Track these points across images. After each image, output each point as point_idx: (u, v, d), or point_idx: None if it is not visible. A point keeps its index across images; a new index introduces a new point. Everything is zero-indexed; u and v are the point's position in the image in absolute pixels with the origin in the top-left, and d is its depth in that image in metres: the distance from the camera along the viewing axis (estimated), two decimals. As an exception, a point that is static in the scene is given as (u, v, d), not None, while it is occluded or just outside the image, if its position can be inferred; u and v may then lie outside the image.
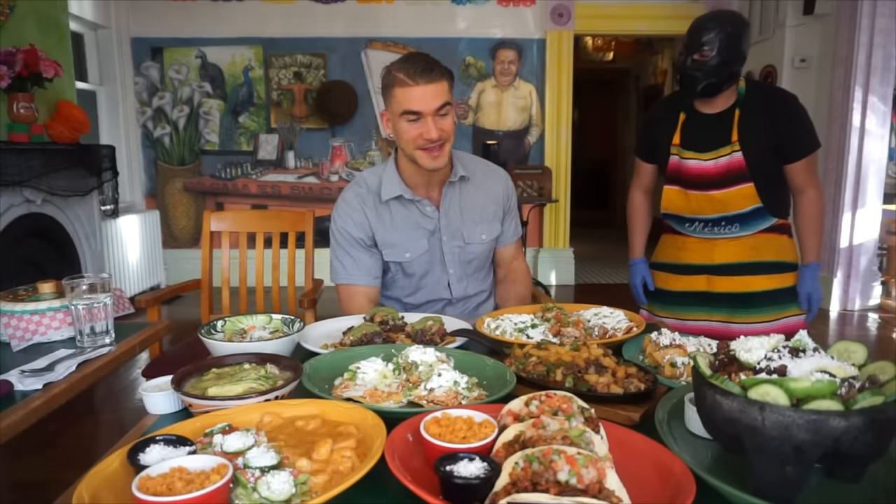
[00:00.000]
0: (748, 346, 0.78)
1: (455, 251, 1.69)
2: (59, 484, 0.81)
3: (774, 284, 1.86)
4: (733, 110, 1.81)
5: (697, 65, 1.75)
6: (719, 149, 1.80)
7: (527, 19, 5.41)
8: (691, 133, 1.86)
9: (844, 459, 0.67)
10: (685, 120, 1.87)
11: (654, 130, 1.96)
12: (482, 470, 0.69)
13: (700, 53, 1.74)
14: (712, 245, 1.88)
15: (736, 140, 1.78)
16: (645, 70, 8.67)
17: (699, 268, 1.91)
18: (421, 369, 1.04)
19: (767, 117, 1.78)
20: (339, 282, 1.68)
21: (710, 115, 1.84)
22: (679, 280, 1.96)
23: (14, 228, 3.20)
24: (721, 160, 1.80)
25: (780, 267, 1.87)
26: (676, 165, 1.87)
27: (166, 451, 0.74)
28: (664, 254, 2.03)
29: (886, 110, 4.38)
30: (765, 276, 1.85)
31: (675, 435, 0.84)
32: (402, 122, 1.50)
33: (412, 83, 1.46)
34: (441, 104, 1.49)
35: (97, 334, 1.38)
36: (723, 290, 1.88)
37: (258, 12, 5.30)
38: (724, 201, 1.81)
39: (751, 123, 1.78)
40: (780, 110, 1.79)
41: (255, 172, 5.55)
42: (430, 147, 1.51)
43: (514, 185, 1.83)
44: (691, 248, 1.92)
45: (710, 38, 1.73)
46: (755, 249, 1.85)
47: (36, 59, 3.19)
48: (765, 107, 1.79)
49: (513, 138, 5.58)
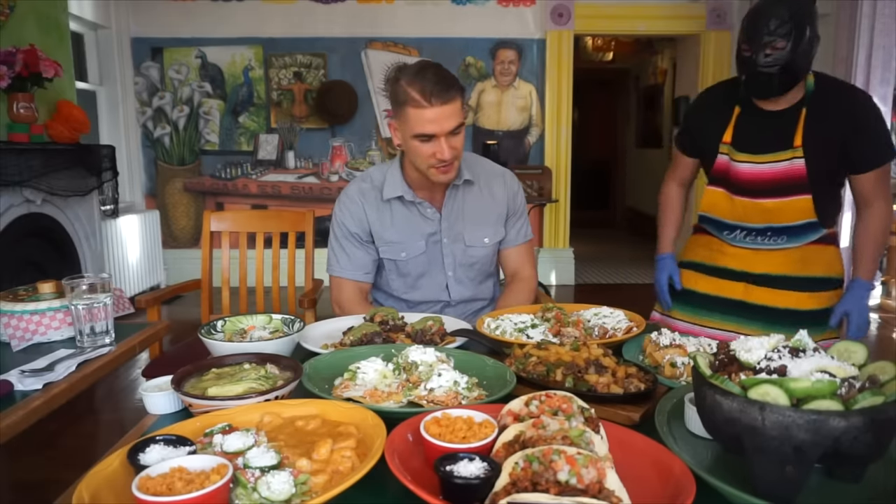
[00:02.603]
0: (748, 346, 0.78)
1: (456, 254, 1.69)
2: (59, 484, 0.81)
3: (821, 303, 1.66)
4: (799, 109, 1.57)
5: (772, 59, 1.48)
6: (778, 152, 1.58)
7: (527, 19, 5.41)
8: (746, 131, 1.63)
9: (844, 459, 0.67)
10: (740, 114, 1.64)
11: (702, 122, 1.74)
12: (482, 470, 0.69)
13: (773, 46, 1.47)
14: (754, 254, 1.69)
15: (799, 145, 1.55)
16: (645, 70, 8.67)
17: (737, 274, 1.71)
18: (421, 369, 1.04)
19: (838, 120, 1.54)
20: (332, 273, 1.71)
21: (771, 111, 1.60)
22: (712, 283, 1.76)
23: (14, 228, 3.19)
24: (779, 165, 1.58)
25: (828, 283, 1.68)
26: (725, 167, 1.66)
27: (166, 451, 0.74)
28: (696, 253, 1.82)
29: (886, 110, 4.38)
30: (810, 293, 1.66)
31: (675, 435, 0.84)
32: (415, 141, 1.48)
33: (426, 105, 1.42)
34: (455, 126, 1.47)
35: (97, 334, 1.38)
36: (761, 303, 1.68)
37: (258, 12, 5.30)
38: (774, 212, 1.61)
39: (818, 126, 1.55)
40: (854, 112, 1.56)
41: (255, 172, 5.54)
42: (442, 165, 1.51)
43: (520, 186, 1.78)
44: (730, 252, 1.73)
45: (782, 24, 1.46)
46: (803, 262, 1.66)
47: (36, 59, 3.19)
48: (835, 107, 1.55)
49: (513, 138, 5.58)
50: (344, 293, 1.69)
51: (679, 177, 1.89)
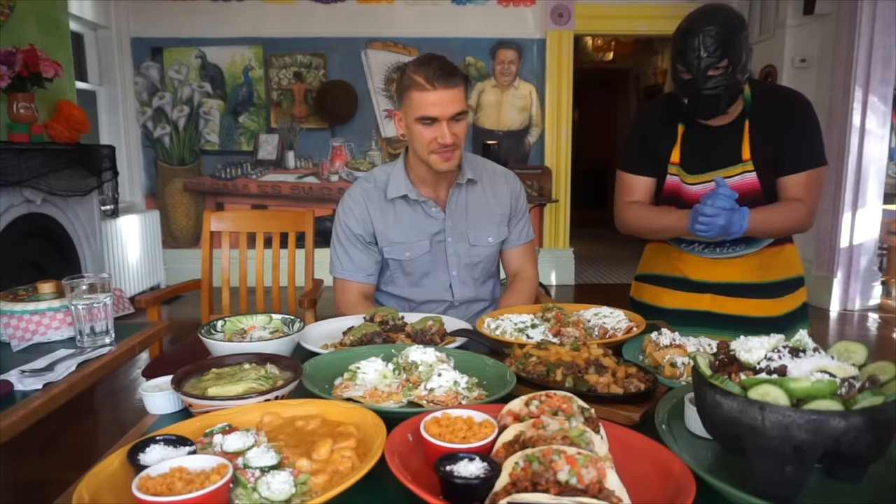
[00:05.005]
0: (748, 346, 0.79)
1: (460, 253, 1.69)
2: (59, 484, 0.81)
3: (787, 307, 1.66)
4: (742, 121, 1.55)
5: (715, 82, 1.43)
6: (728, 167, 1.56)
7: (527, 19, 5.41)
8: (694, 150, 1.60)
9: (844, 459, 0.67)
10: (685, 133, 1.61)
11: (649, 142, 1.67)
12: (482, 470, 0.69)
13: (714, 67, 1.42)
14: (714, 262, 1.66)
15: (748, 158, 1.54)
16: (645, 70, 8.67)
17: (701, 285, 1.68)
18: (421, 369, 1.04)
19: (778, 125, 1.53)
20: (335, 275, 1.71)
21: (715, 127, 1.57)
22: (677, 296, 1.72)
23: (14, 228, 3.20)
24: (730, 181, 1.54)
25: (791, 285, 1.67)
26: (676, 188, 1.63)
27: (166, 451, 0.74)
28: (656, 265, 1.77)
29: (886, 110, 4.38)
30: (776, 299, 1.65)
31: (675, 435, 0.84)
32: (418, 125, 1.51)
33: (430, 88, 1.46)
34: (457, 111, 1.50)
35: (97, 334, 1.38)
36: (729, 312, 1.65)
37: (258, 12, 5.30)
38: None
39: (763, 136, 1.53)
40: (790, 114, 1.54)
41: (255, 172, 5.55)
42: (444, 151, 1.52)
43: (523, 187, 1.79)
44: (689, 260, 1.69)
45: (718, 44, 1.40)
46: (762, 269, 1.64)
47: (36, 59, 3.19)
48: (775, 113, 1.54)
49: (513, 138, 5.58)
50: (347, 295, 1.69)
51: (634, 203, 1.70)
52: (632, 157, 1.72)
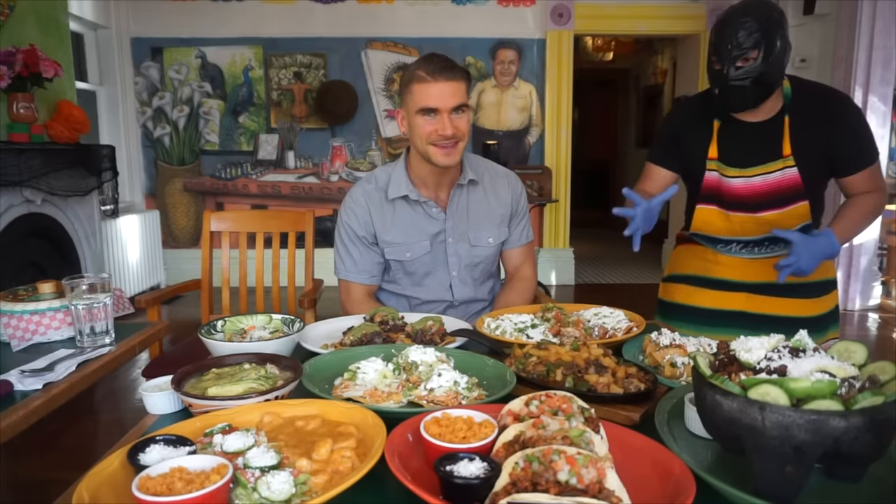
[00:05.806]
0: (748, 346, 0.79)
1: (460, 254, 1.69)
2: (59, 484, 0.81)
3: (822, 308, 1.66)
4: (782, 117, 1.54)
5: (744, 72, 1.44)
6: (768, 163, 1.55)
7: (527, 19, 5.41)
8: (732, 145, 1.59)
9: (844, 459, 0.67)
10: (721, 128, 1.60)
11: (682, 139, 1.67)
12: (482, 470, 0.69)
13: (743, 58, 1.43)
14: (749, 263, 1.65)
15: (789, 153, 1.53)
16: (645, 70, 8.67)
17: (736, 284, 1.66)
18: (421, 369, 1.04)
19: (823, 125, 1.52)
20: (339, 276, 1.72)
21: (754, 123, 1.56)
22: (711, 295, 1.70)
23: (14, 228, 3.19)
24: (771, 177, 1.54)
25: (825, 287, 1.67)
26: (716, 184, 1.61)
27: (166, 451, 0.74)
28: (688, 265, 1.76)
29: (886, 110, 4.38)
30: (812, 299, 1.65)
31: (675, 435, 0.84)
32: (418, 117, 1.51)
33: (430, 80, 1.48)
34: (458, 104, 1.50)
35: (97, 334, 1.38)
36: (764, 312, 1.64)
37: (258, 12, 5.30)
38: (774, 223, 1.57)
39: (805, 133, 1.52)
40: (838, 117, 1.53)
41: (255, 172, 5.54)
42: (444, 144, 1.52)
43: (524, 188, 1.79)
44: (724, 262, 1.68)
45: (751, 35, 1.41)
46: None
47: (36, 59, 3.19)
48: (819, 112, 1.53)
49: (513, 138, 5.58)
50: (351, 295, 1.70)
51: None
52: (657, 149, 1.74)
